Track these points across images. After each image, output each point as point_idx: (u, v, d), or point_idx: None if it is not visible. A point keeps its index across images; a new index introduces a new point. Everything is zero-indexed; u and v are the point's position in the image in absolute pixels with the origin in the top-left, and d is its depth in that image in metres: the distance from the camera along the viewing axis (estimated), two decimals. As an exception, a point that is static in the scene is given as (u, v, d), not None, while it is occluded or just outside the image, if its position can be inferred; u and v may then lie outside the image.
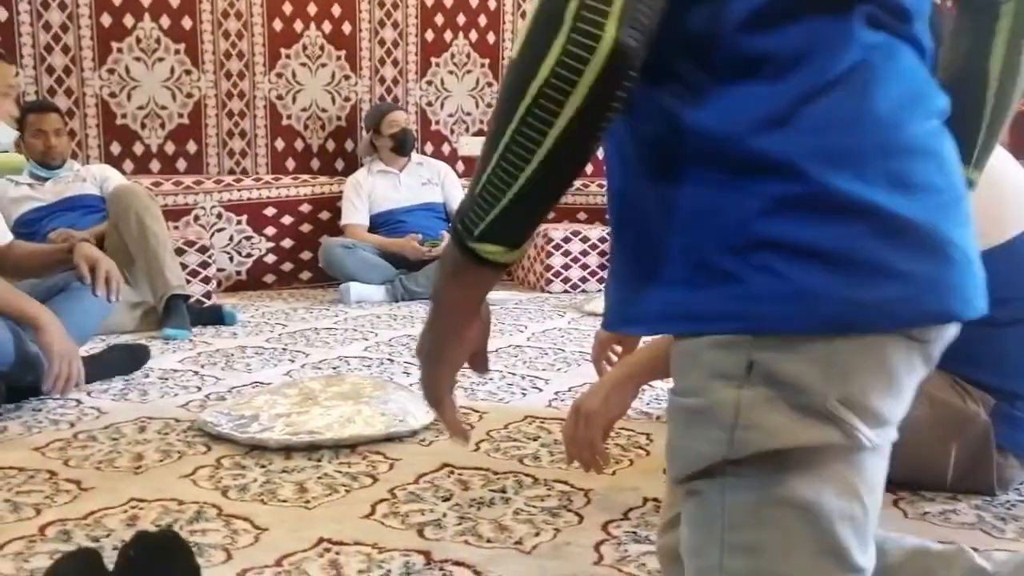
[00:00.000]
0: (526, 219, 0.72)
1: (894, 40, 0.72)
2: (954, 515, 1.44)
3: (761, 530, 0.73)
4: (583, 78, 0.64)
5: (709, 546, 0.75)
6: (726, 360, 0.71)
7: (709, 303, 0.71)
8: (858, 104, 0.70)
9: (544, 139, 0.66)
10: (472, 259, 0.73)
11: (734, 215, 0.70)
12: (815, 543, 0.72)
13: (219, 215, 4.06)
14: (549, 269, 4.17)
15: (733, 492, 0.73)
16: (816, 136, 0.69)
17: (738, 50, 0.70)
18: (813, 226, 0.68)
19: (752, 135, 0.69)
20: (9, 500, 1.50)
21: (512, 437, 1.86)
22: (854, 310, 0.68)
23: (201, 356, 2.66)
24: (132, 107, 4.03)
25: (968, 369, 1.46)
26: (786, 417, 0.70)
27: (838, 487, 0.72)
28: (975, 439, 1.46)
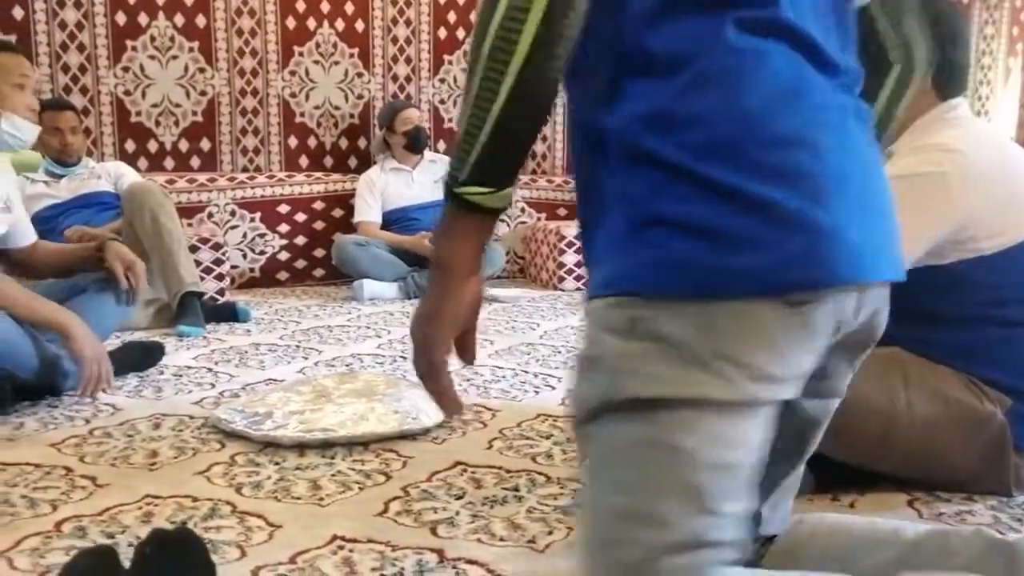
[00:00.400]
0: (504, 158, 0.82)
1: (767, 42, 0.81)
2: (970, 516, 1.43)
3: (635, 470, 0.81)
4: (531, 13, 0.76)
5: (594, 483, 0.84)
6: (614, 316, 0.82)
7: (609, 273, 0.83)
8: (729, 102, 0.79)
9: (507, 71, 0.77)
10: (461, 206, 0.82)
11: (634, 199, 0.82)
12: (684, 486, 0.80)
13: (233, 212, 4.07)
14: (562, 267, 4.16)
15: (613, 433, 0.82)
16: (692, 130, 0.79)
17: (636, 49, 0.81)
18: (689, 206, 0.79)
19: (641, 130, 0.81)
20: (26, 496, 1.51)
21: (525, 435, 1.86)
22: (721, 276, 0.78)
23: (215, 353, 2.67)
24: (146, 105, 4.05)
25: (984, 369, 1.45)
26: (663, 368, 0.79)
27: (712, 438, 0.80)
28: (991, 439, 1.45)
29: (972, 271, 1.43)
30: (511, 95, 0.78)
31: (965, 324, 1.47)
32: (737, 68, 0.80)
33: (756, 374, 0.80)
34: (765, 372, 0.80)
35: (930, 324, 1.49)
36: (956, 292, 1.46)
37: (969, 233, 1.41)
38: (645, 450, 0.81)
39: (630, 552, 0.81)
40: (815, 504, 1.47)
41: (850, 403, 1.41)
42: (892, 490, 1.51)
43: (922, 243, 1.40)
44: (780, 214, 0.79)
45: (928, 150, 1.44)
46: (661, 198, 0.80)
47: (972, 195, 1.40)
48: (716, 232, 0.78)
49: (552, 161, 4.87)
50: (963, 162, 1.41)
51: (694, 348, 0.78)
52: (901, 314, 1.52)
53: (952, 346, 1.47)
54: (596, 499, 0.84)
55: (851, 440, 1.44)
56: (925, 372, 1.45)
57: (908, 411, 1.42)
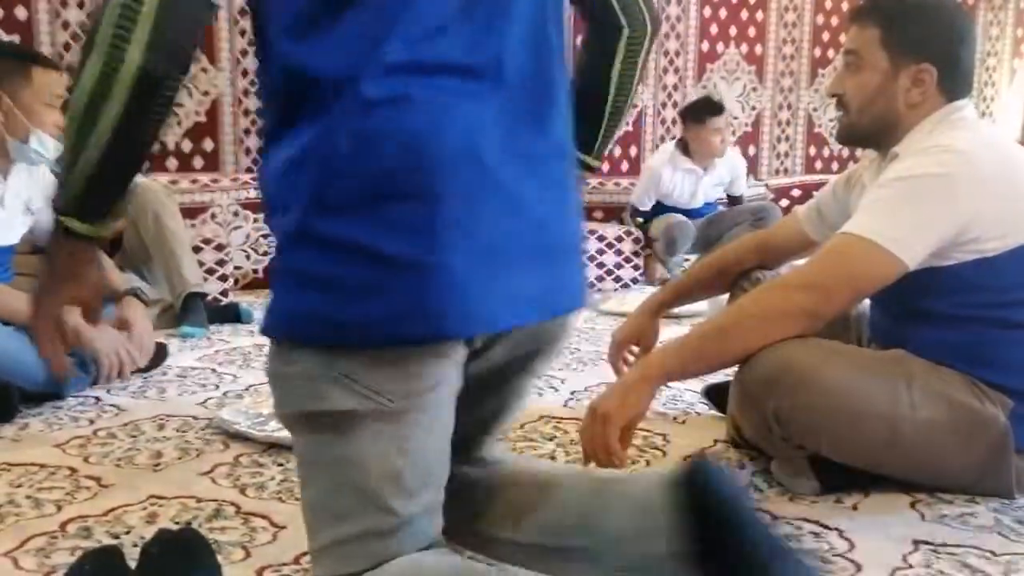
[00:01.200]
0: (92, 199, 0.93)
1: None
2: (972, 518, 1.43)
3: (318, 471, 0.95)
4: (114, 93, 0.84)
5: (299, 479, 0.99)
6: (279, 349, 0.94)
7: (268, 309, 0.94)
8: (351, 162, 0.85)
9: (91, 136, 0.86)
10: (61, 229, 0.95)
11: (278, 247, 0.92)
12: (355, 486, 0.92)
13: (236, 213, 4.07)
14: (564, 268, 4.16)
15: (298, 440, 0.97)
16: (310, 187, 0.86)
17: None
18: (310, 257, 0.88)
19: (278, 175, 0.90)
20: (31, 496, 1.51)
21: (528, 437, 1.87)
22: (336, 328, 0.88)
23: (219, 354, 2.67)
24: (150, 105, 4.05)
25: (986, 371, 1.46)
26: (311, 387, 0.91)
27: (373, 442, 0.91)
28: (993, 442, 1.45)
29: (974, 272, 1.43)
30: (100, 155, 0.88)
31: (967, 325, 1.47)
32: (360, 133, 0.86)
33: (388, 391, 0.90)
34: (388, 390, 0.90)
35: (932, 325, 1.49)
36: (958, 293, 1.46)
37: (972, 235, 1.41)
38: (321, 455, 0.94)
39: (324, 539, 0.95)
40: (819, 506, 1.47)
41: (853, 406, 1.42)
42: (895, 492, 1.52)
43: (926, 245, 1.40)
44: (394, 267, 0.86)
45: (934, 151, 1.44)
46: (291, 247, 0.90)
47: (977, 197, 1.40)
48: (332, 284, 0.87)
49: (555, 162, 4.87)
50: (969, 164, 1.41)
51: (325, 371, 0.89)
52: (903, 314, 1.54)
53: (954, 347, 1.47)
54: (301, 492, 0.99)
55: (854, 443, 1.45)
56: (929, 374, 1.45)
57: (911, 414, 1.42)
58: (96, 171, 0.89)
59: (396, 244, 0.85)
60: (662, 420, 1.99)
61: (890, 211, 1.41)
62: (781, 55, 5.25)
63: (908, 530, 1.39)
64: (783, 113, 5.31)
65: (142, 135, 0.89)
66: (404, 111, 0.85)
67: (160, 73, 0.84)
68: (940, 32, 1.51)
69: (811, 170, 5.38)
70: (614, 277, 4.20)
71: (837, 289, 1.43)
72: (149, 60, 0.83)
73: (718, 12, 5.07)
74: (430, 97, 0.85)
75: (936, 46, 1.49)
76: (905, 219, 1.40)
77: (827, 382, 1.41)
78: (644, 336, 1.92)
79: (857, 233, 1.42)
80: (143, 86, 0.84)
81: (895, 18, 1.52)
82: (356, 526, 0.93)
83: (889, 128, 1.53)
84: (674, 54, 5.01)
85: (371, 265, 0.85)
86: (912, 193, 1.42)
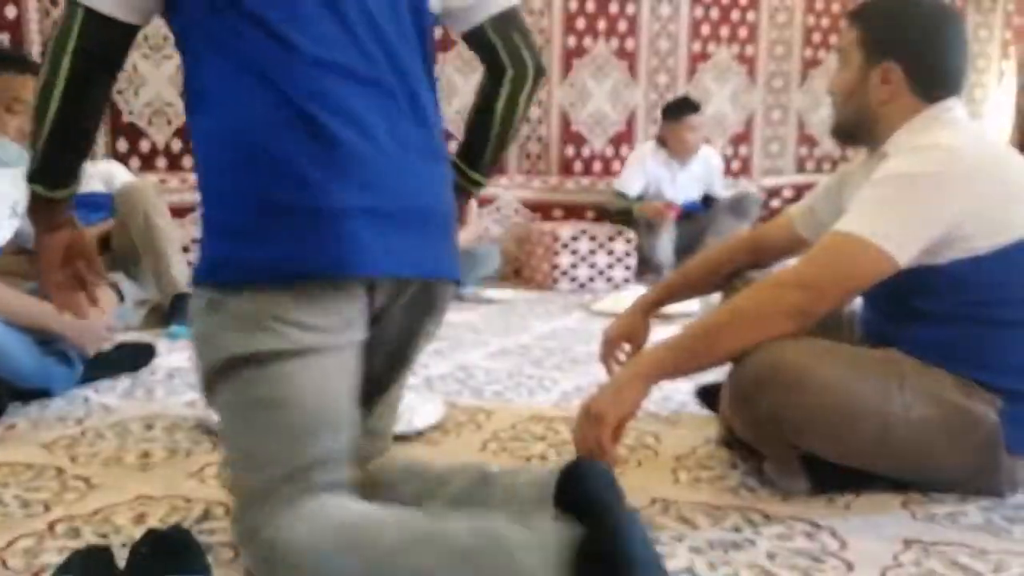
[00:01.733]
0: (50, 169, 1.21)
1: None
2: (963, 516, 1.44)
3: (241, 419, 1.09)
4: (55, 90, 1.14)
5: (222, 433, 1.16)
6: (198, 299, 1.12)
7: (196, 264, 1.15)
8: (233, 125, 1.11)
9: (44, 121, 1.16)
10: (32, 195, 1.24)
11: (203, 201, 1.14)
12: (277, 428, 1.06)
13: (226, 212, 4.06)
14: (556, 268, 4.17)
15: (224, 392, 1.10)
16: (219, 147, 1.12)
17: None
18: (223, 211, 1.10)
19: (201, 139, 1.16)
20: (18, 496, 1.50)
21: (519, 437, 1.86)
22: (246, 269, 1.07)
23: (208, 353, 2.66)
24: (139, 104, 4.03)
25: (977, 370, 1.46)
26: (236, 333, 1.07)
27: (295, 381, 1.06)
28: (983, 441, 1.45)
29: (966, 271, 1.44)
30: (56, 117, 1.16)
31: (958, 324, 1.47)
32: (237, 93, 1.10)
33: (306, 325, 1.06)
34: (311, 323, 1.06)
35: (923, 323, 1.49)
36: (949, 292, 1.46)
37: (964, 233, 1.41)
38: (242, 402, 1.08)
39: (250, 484, 1.08)
40: (811, 506, 1.47)
41: (846, 405, 1.42)
42: (886, 491, 1.52)
43: (917, 242, 1.40)
44: (293, 214, 1.05)
45: (925, 149, 1.44)
46: (211, 203, 1.11)
47: (967, 195, 1.40)
48: (243, 231, 1.07)
49: (547, 162, 4.87)
50: (959, 162, 1.42)
51: (252, 315, 1.06)
52: (894, 313, 1.54)
53: (944, 346, 1.47)
54: (224, 444, 1.14)
55: (846, 442, 1.45)
56: (920, 374, 1.45)
57: (903, 413, 1.42)
58: (48, 147, 1.18)
59: (296, 194, 1.06)
60: (654, 420, 1.99)
61: (882, 209, 1.42)
62: (772, 56, 5.26)
63: (899, 529, 1.39)
64: (775, 113, 5.33)
65: (81, 120, 1.18)
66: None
67: (87, 75, 1.15)
68: (909, 33, 1.54)
69: (802, 170, 5.40)
70: (606, 277, 4.20)
71: (829, 287, 1.43)
72: (76, 66, 1.14)
73: (709, 12, 5.07)
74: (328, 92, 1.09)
75: (903, 46, 1.53)
76: (897, 217, 1.41)
77: (819, 381, 1.41)
78: (635, 335, 1.92)
79: (848, 231, 1.42)
80: (75, 84, 1.14)
81: (871, 19, 1.57)
82: (278, 468, 1.06)
83: (867, 124, 1.57)
84: (665, 54, 5.01)
85: (274, 212, 1.06)
86: (903, 191, 1.42)
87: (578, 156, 4.92)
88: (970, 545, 1.33)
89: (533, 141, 4.82)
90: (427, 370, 2.46)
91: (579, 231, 4.20)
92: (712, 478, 1.62)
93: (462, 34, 1.35)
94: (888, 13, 1.57)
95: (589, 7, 4.82)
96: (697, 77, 5.12)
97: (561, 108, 4.85)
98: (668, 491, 1.55)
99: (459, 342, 2.88)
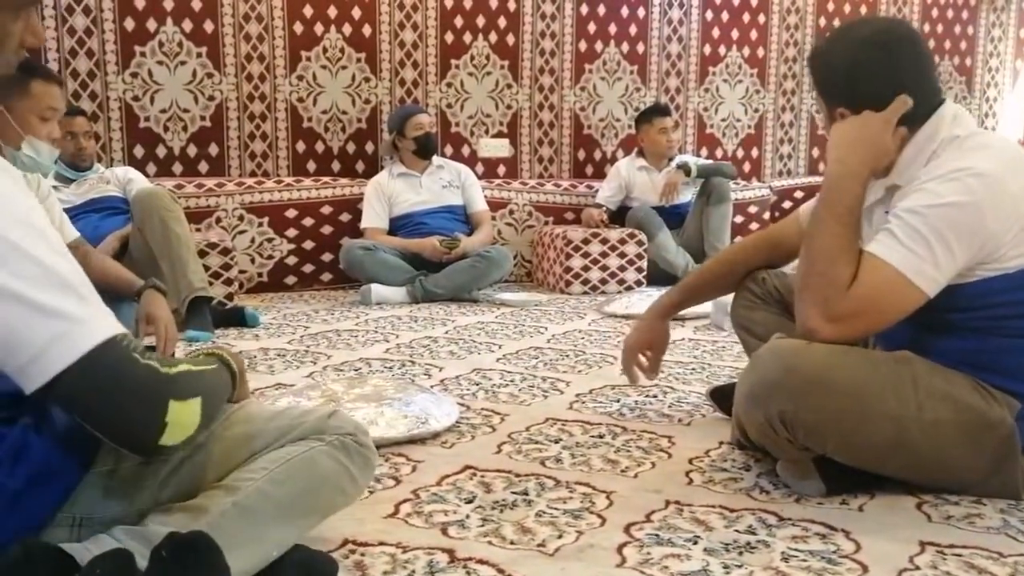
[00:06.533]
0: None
1: None
2: (979, 519, 1.43)
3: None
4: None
5: None
6: None
7: None
8: None
9: None
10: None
11: None
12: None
13: (241, 217, 4.09)
14: (569, 271, 4.17)
15: None
16: None
17: None
18: None
19: None
20: (39, 500, 1.52)
21: (534, 439, 1.87)
22: None
23: (224, 357, 2.68)
24: (155, 110, 4.07)
25: (994, 376, 1.45)
26: None
27: None
28: (1000, 443, 1.45)
29: (994, 287, 1.43)
30: None
31: (979, 335, 1.46)
32: None
33: None
34: None
35: (943, 334, 1.49)
36: (975, 307, 1.45)
37: (996, 254, 1.41)
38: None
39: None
40: (825, 508, 1.48)
41: (860, 408, 1.42)
42: (901, 493, 1.52)
43: (944, 280, 1.40)
44: None
45: (958, 176, 1.41)
46: None
47: (1003, 219, 1.39)
48: None
49: (559, 165, 4.88)
50: (994, 186, 1.39)
51: None
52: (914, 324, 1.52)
53: (962, 353, 1.47)
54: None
55: (861, 444, 1.45)
56: (935, 376, 1.45)
57: (918, 415, 1.42)
58: None
59: None
60: (667, 422, 2.00)
61: (922, 243, 1.39)
62: (783, 57, 5.25)
63: (914, 531, 1.39)
64: (786, 115, 5.32)
65: None
66: None
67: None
68: (839, 74, 1.54)
69: (814, 171, 5.39)
70: (618, 280, 4.20)
71: (863, 318, 1.43)
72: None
73: (720, 15, 5.07)
74: None
75: (837, 89, 1.54)
76: (935, 253, 1.38)
77: (833, 384, 1.41)
78: (656, 340, 1.92)
79: (888, 262, 1.40)
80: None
81: (815, 67, 1.61)
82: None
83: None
84: (676, 57, 5.01)
85: None
86: (943, 224, 1.39)
87: (590, 159, 4.93)
88: (987, 548, 1.33)
89: (545, 145, 4.83)
90: (441, 372, 2.48)
91: (591, 234, 4.21)
92: (726, 480, 1.62)
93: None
94: (824, 58, 1.58)
95: (600, 11, 4.83)
96: (708, 79, 5.11)
97: (573, 112, 4.86)
98: (682, 493, 1.55)
99: (473, 345, 2.89)
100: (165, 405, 0.97)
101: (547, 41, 4.75)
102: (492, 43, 4.65)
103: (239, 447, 1.16)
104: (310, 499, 1.16)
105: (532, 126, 4.79)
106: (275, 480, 1.12)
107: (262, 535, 1.10)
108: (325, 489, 1.18)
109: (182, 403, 0.99)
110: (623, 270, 4.22)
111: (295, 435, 1.18)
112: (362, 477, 1.23)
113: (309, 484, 1.15)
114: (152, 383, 0.98)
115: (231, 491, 1.11)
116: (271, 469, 1.13)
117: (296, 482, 1.14)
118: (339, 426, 1.21)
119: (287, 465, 1.14)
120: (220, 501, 1.09)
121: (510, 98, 4.73)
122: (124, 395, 0.95)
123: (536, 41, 4.73)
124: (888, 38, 1.52)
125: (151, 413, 0.97)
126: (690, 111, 5.11)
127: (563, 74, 4.80)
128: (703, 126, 5.17)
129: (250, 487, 1.11)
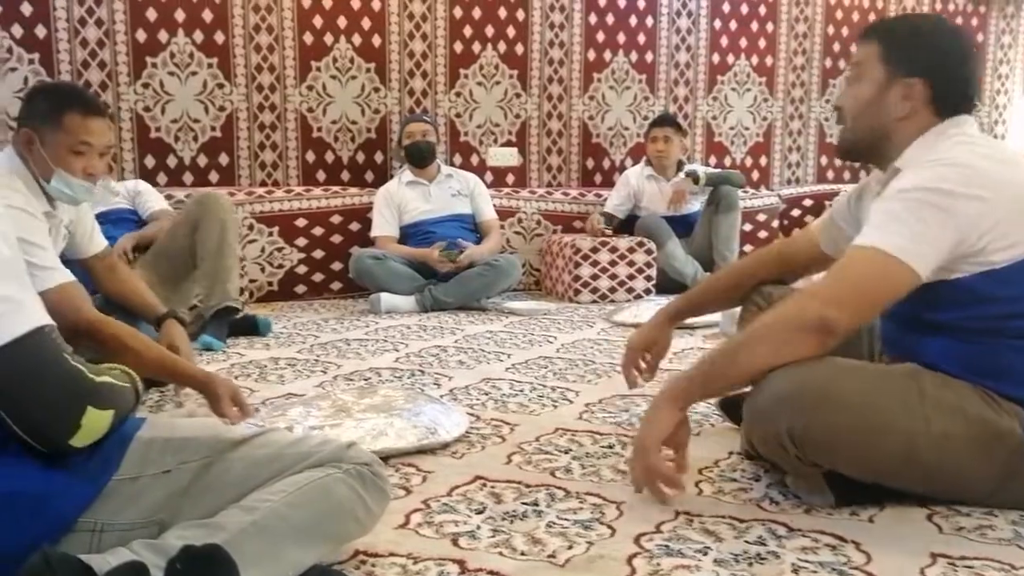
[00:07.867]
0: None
1: None
2: (990, 530, 1.43)
3: None
4: None
5: None
6: None
7: None
8: None
9: None
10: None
11: None
12: None
13: (251, 226, 4.11)
14: (578, 279, 4.18)
15: None
16: None
17: None
18: None
19: None
20: (53, 510, 1.53)
21: (543, 450, 1.87)
22: None
23: (235, 367, 2.69)
24: (166, 121, 4.10)
25: (1000, 383, 1.45)
26: None
27: None
28: (1010, 454, 1.45)
29: (983, 284, 1.44)
30: None
31: (977, 337, 1.47)
32: None
33: None
34: None
35: (942, 337, 1.49)
36: (967, 306, 1.46)
37: (979, 247, 1.41)
38: None
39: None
40: (835, 519, 1.48)
41: (869, 423, 1.42)
42: (912, 504, 1.52)
43: (936, 254, 1.41)
44: None
45: (934, 164, 1.45)
46: None
47: (976, 211, 1.40)
48: None
49: (568, 174, 4.89)
50: (968, 175, 1.42)
51: None
52: (914, 327, 1.54)
53: (965, 358, 1.47)
54: None
55: (871, 459, 1.45)
56: (943, 388, 1.45)
57: (926, 428, 1.42)
58: None
59: None
60: (677, 432, 1.99)
61: (898, 223, 1.42)
62: (792, 66, 5.25)
63: (926, 543, 1.39)
64: (794, 123, 5.32)
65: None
66: None
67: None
68: (934, 51, 1.55)
69: (823, 180, 5.39)
70: (627, 288, 4.21)
71: (853, 303, 1.43)
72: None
73: (728, 24, 5.08)
74: None
75: (929, 64, 1.54)
76: (913, 230, 1.41)
77: (841, 400, 1.41)
78: (658, 344, 1.93)
79: (869, 245, 1.43)
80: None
81: (895, 35, 1.59)
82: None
83: (880, 140, 1.57)
84: (684, 66, 5.02)
85: None
86: (916, 205, 1.43)
87: (598, 168, 4.94)
88: (998, 559, 1.33)
89: (554, 154, 4.84)
90: (451, 382, 2.48)
91: (600, 243, 4.21)
92: (736, 490, 1.62)
93: None
94: (914, 30, 1.58)
95: (609, 20, 4.84)
96: (717, 88, 5.12)
97: (581, 121, 4.87)
98: (692, 504, 1.55)
99: (482, 354, 2.89)
100: (83, 408, 1.01)
101: (556, 50, 4.77)
102: (501, 53, 4.67)
103: (259, 469, 1.19)
104: (325, 524, 1.18)
105: (541, 135, 4.81)
106: (292, 503, 1.14)
107: (277, 555, 1.12)
108: (340, 516, 1.20)
109: (99, 412, 1.03)
110: (632, 279, 4.22)
111: (313, 461, 1.20)
112: (377, 507, 1.26)
113: (325, 509, 1.17)
114: (76, 384, 1.02)
115: (249, 511, 1.12)
116: (289, 492, 1.15)
117: (312, 506, 1.16)
118: (356, 456, 1.24)
119: (304, 489, 1.16)
120: (238, 519, 1.11)
121: (519, 107, 4.74)
122: (47, 388, 0.99)
123: (545, 50, 4.75)
124: (971, 35, 1.62)
125: (68, 412, 1.01)
126: (698, 120, 5.12)
127: (572, 83, 4.81)
128: (711, 135, 5.17)
129: (267, 508, 1.13)
